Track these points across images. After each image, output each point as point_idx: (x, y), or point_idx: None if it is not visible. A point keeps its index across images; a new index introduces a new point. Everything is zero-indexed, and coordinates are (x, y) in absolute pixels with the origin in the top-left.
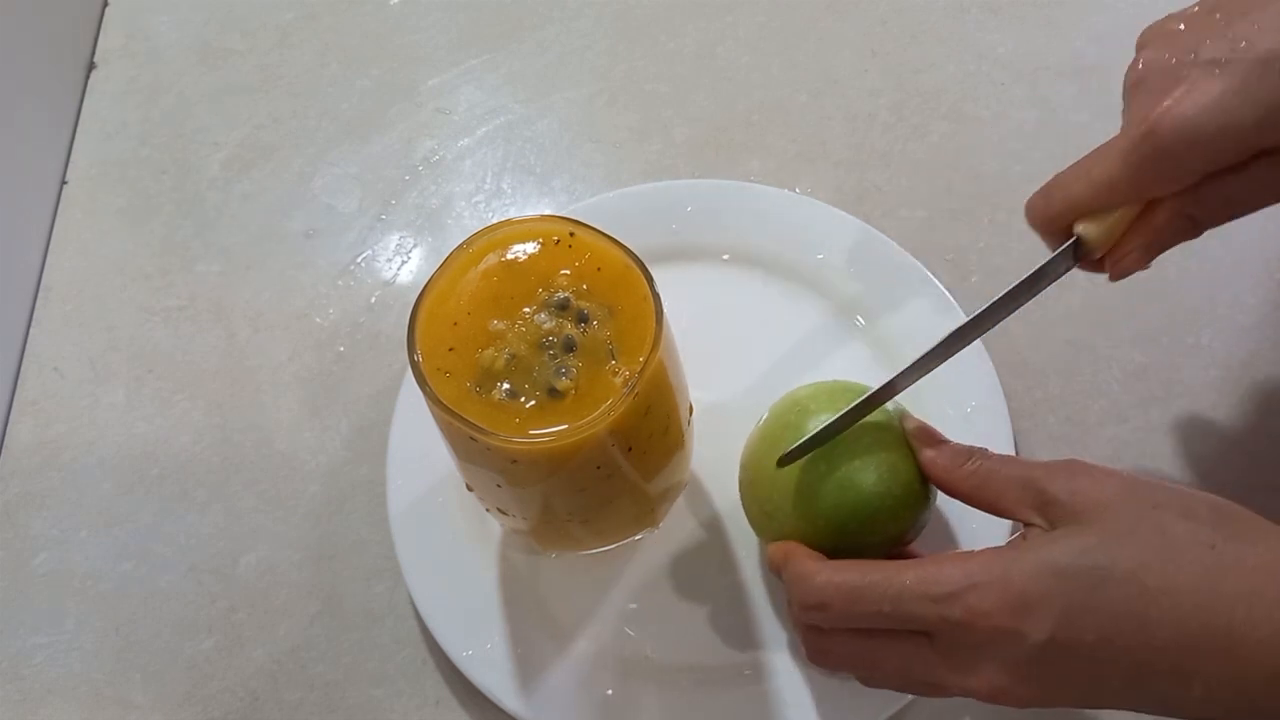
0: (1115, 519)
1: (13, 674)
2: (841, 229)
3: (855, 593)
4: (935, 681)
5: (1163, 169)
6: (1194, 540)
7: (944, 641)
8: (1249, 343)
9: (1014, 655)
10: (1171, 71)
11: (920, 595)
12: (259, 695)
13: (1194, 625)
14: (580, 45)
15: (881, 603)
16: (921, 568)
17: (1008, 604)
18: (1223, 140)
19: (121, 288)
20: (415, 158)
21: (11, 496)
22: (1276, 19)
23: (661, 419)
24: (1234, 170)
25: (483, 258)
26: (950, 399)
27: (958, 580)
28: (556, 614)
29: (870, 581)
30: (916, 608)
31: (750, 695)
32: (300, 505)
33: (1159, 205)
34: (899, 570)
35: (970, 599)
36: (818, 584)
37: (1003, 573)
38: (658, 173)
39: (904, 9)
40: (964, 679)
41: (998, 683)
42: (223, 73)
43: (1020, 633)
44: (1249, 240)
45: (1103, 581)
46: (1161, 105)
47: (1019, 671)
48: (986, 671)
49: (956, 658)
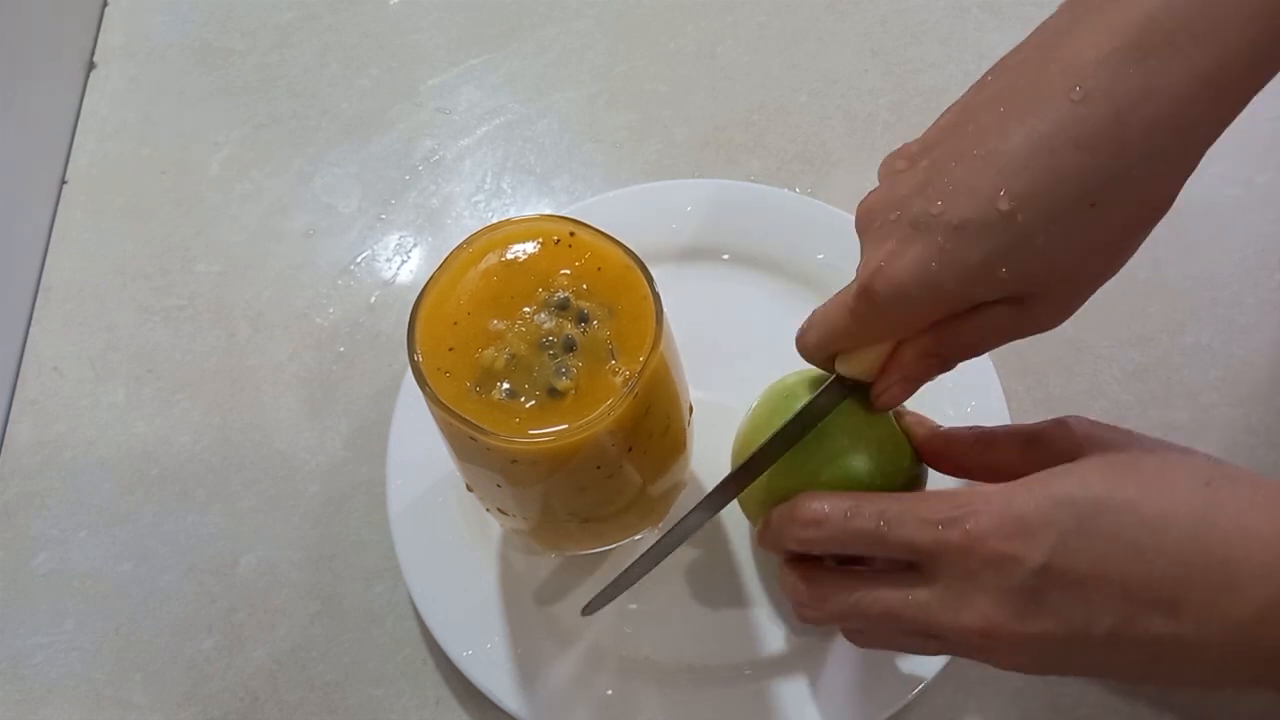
0: (1116, 456)
1: (13, 674)
2: (841, 229)
3: (852, 509)
4: (927, 622)
5: (882, 322)
6: (1191, 476)
7: (938, 570)
8: (1249, 343)
9: (1009, 583)
10: (885, 225)
11: (918, 518)
12: (259, 695)
13: (1189, 554)
14: (580, 45)
15: (878, 519)
16: (919, 495)
17: (1005, 528)
18: (932, 301)
19: (121, 288)
20: (415, 158)
21: (11, 496)
22: (969, 178)
23: (661, 419)
24: (961, 317)
25: (483, 257)
26: (950, 399)
27: (957, 505)
28: (556, 614)
29: (868, 499)
30: (913, 530)
31: (750, 695)
32: (300, 505)
33: (906, 344)
34: (897, 496)
35: (968, 523)
36: (813, 501)
37: (1002, 501)
38: (658, 173)
39: (904, 9)
40: (957, 614)
41: (991, 616)
42: (223, 73)
43: (1016, 558)
44: (1249, 240)
45: (1100, 510)
46: (874, 264)
47: (1013, 603)
48: (980, 604)
49: (950, 590)
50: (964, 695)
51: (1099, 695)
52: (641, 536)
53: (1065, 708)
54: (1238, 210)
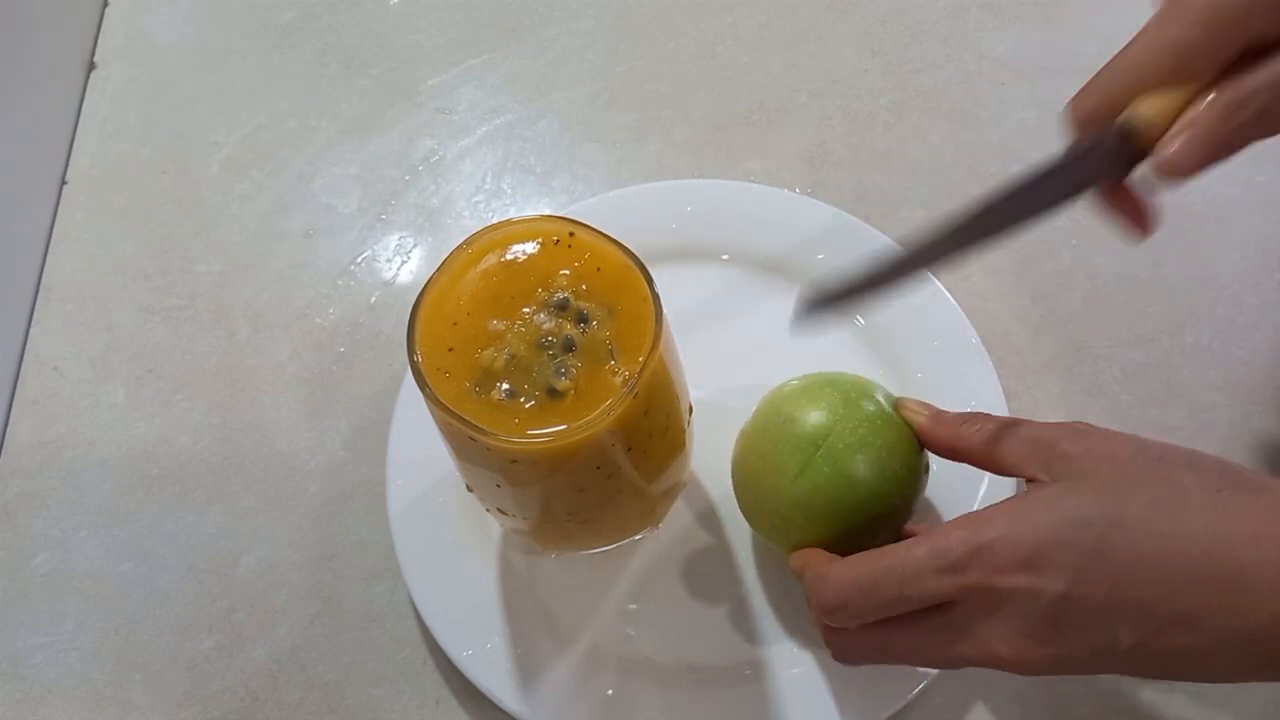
0: (1124, 470)
1: (13, 674)
2: (841, 229)
3: (871, 586)
4: (954, 656)
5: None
6: (1202, 486)
7: (963, 611)
8: (1249, 343)
9: (1031, 612)
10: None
11: (933, 570)
12: (259, 695)
13: (1204, 567)
14: (580, 45)
15: (899, 588)
16: (931, 541)
17: (1020, 560)
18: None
19: (121, 288)
20: (415, 158)
21: (11, 496)
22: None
23: (661, 419)
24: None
25: (482, 258)
26: (950, 399)
27: (967, 545)
28: (556, 614)
29: (884, 568)
30: (932, 584)
31: (750, 695)
32: (300, 505)
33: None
34: (908, 550)
35: (984, 559)
36: (832, 585)
37: (1012, 530)
38: (658, 173)
39: (904, 9)
40: (984, 646)
41: (1016, 646)
42: (223, 73)
43: (1035, 589)
44: (1249, 240)
45: (1114, 529)
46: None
47: (1037, 631)
48: (1005, 635)
49: (975, 626)
50: (964, 695)
51: (1099, 695)
52: (641, 536)
53: (1065, 707)
54: (1238, 210)
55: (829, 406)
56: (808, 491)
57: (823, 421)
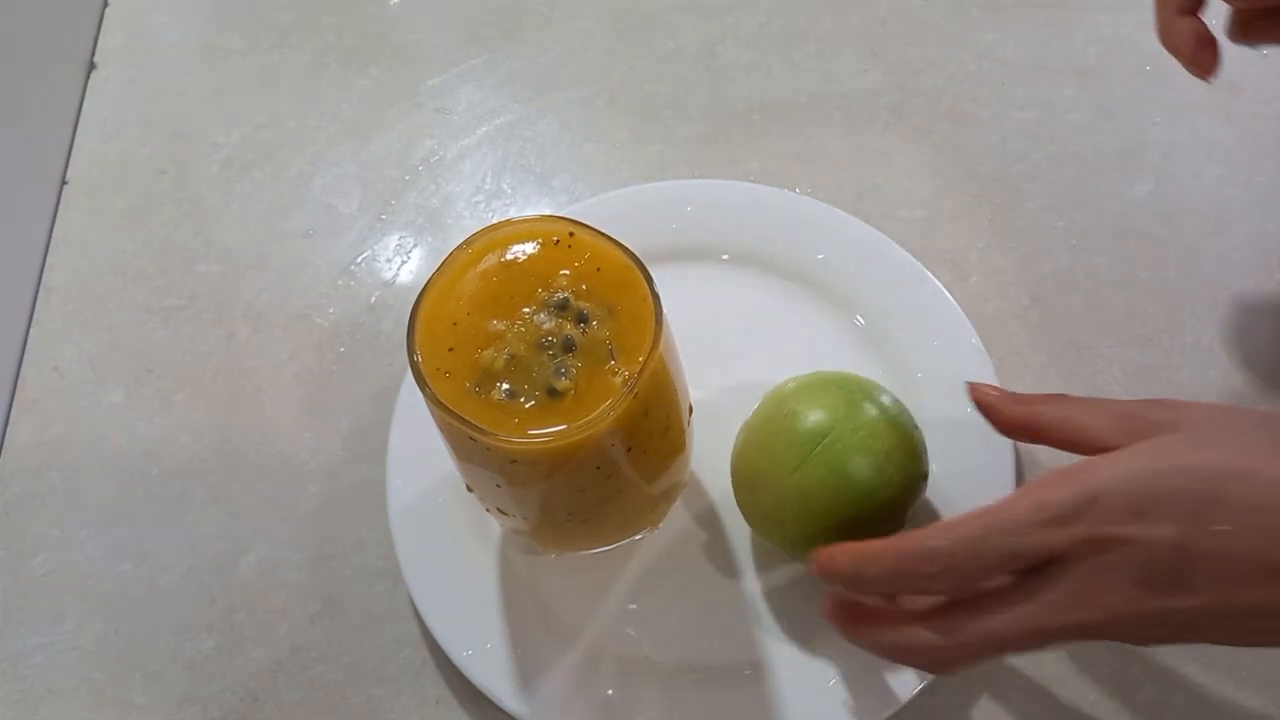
0: (1226, 425)
1: (13, 674)
2: (841, 229)
3: (979, 542)
4: (1070, 623)
5: None
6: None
7: (1074, 567)
8: (1249, 343)
9: (1147, 561)
10: None
11: (1040, 522)
12: (259, 695)
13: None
14: (580, 45)
15: (1009, 543)
16: (1030, 495)
17: (1133, 508)
18: None
19: (121, 288)
20: (415, 158)
21: (11, 496)
22: None
23: (661, 419)
24: None
25: (482, 258)
26: (951, 399)
27: (1076, 495)
28: (556, 614)
29: (990, 524)
30: (1040, 536)
31: (750, 695)
32: (300, 505)
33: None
34: (1010, 505)
35: (1094, 510)
36: (929, 549)
37: (1120, 479)
38: (658, 173)
39: (904, 9)
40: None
41: (1130, 595)
42: (223, 73)
43: (1150, 537)
44: (1249, 240)
45: (1227, 476)
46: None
47: (1154, 579)
48: (1119, 584)
49: (1088, 581)
50: (965, 694)
51: (1099, 694)
52: (641, 536)
53: (1065, 707)
54: (1238, 210)
55: (832, 406)
56: (803, 487)
57: (824, 420)
